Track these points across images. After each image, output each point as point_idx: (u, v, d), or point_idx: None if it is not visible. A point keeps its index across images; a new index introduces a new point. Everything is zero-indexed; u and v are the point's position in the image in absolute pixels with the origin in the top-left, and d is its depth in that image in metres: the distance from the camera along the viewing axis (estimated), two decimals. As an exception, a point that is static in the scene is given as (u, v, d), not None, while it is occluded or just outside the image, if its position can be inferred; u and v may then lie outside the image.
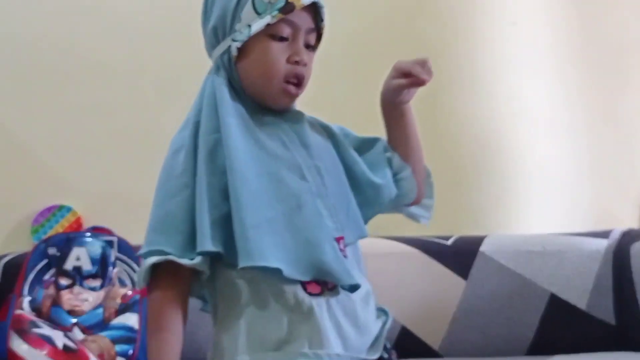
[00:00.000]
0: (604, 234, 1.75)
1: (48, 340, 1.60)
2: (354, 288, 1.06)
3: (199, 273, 1.05)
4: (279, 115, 1.14)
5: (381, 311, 1.14)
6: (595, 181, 2.07)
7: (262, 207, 1.06)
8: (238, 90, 1.13)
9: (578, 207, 2.06)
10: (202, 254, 1.03)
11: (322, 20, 1.14)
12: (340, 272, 1.04)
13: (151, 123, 2.10)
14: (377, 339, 1.09)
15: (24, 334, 1.60)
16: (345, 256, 1.07)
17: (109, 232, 1.84)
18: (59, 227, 2.04)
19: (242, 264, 1.03)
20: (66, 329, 1.66)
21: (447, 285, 1.70)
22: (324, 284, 1.05)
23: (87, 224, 2.04)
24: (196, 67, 2.11)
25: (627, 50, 2.11)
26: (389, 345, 1.12)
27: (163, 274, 1.05)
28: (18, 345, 1.59)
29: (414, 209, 1.23)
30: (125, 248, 1.77)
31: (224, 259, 1.05)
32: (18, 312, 1.64)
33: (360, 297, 1.08)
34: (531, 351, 1.69)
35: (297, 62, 1.10)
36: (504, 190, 1.99)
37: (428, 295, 1.26)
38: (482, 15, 2.12)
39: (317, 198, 1.08)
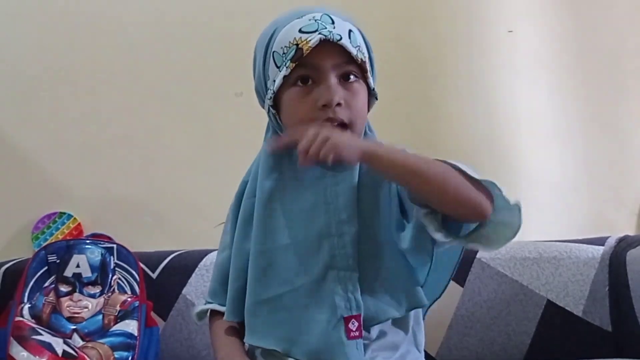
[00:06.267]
0: (600, 241, 1.75)
1: (48, 347, 1.61)
2: None
3: None
4: (329, 169, 1.06)
5: None
6: (592, 188, 2.07)
7: (270, 284, 1.07)
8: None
9: (574, 214, 2.06)
10: None
11: (357, 46, 1.07)
12: (331, 355, 1.02)
13: (151, 130, 2.11)
14: None
15: (23, 341, 1.61)
16: (354, 337, 1.02)
17: (108, 239, 1.84)
18: (59, 234, 2.05)
19: (245, 339, 1.09)
20: (66, 336, 1.66)
21: (445, 291, 1.71)
22: None
23: (87, 230, 2.05)
24: (196, 73, 2.14)
25: (624, 58, 2.11)
26: None
27: (215, 312, 1.18)
28: (18, 352, 1.59)
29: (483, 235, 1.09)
30: (124, 255, 1.77)
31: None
32: (18, 319, 1.65)
33: None
34: (528, 357, 1.69)
35: (325, 106, 1.04)
36: (500, 197, 1.99)
37: (425, 302, 1.26)
38: (479, 23, 2.12)
39: (335, 271, 1.04)
